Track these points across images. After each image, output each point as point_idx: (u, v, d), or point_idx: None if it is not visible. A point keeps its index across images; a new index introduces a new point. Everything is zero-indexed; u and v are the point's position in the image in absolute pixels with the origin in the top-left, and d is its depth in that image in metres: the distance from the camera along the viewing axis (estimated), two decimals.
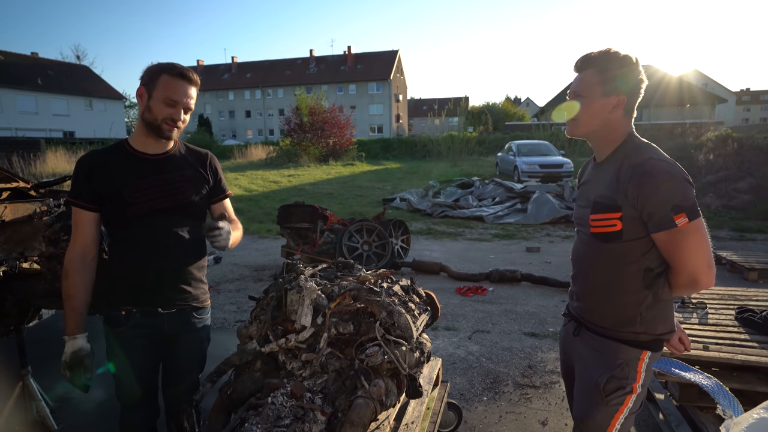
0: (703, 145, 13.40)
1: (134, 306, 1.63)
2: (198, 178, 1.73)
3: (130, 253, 1.63)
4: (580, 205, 1.59)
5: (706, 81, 46.14)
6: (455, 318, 4.31)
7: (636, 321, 1.41)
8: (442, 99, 59.12)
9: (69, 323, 1.57)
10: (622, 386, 1.42)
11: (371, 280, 1.83)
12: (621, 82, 1.39)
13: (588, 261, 1.53)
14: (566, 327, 1.67)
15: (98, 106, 41.50)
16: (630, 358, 1.43)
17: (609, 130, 1.44)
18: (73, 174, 1.63)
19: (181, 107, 1.60)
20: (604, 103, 1.40)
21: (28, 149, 17.25)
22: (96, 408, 2.75)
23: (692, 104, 32.62)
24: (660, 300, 1.41)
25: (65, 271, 1.59)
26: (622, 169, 1.37)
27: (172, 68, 1.58)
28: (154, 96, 1.57)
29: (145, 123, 1.61)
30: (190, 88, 1.61)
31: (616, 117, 1.42)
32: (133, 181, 1.60)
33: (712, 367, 2.23)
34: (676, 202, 1.27)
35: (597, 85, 1.40)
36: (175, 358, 1.74)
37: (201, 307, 1.78)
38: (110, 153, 1.65)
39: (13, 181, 2.58)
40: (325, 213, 6.11)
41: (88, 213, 1.60)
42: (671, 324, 1.46)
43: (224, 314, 4.50)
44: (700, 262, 1.31)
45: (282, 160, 22.61)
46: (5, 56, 37.67)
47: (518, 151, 15.26)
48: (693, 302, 2.89)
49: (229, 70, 59.70)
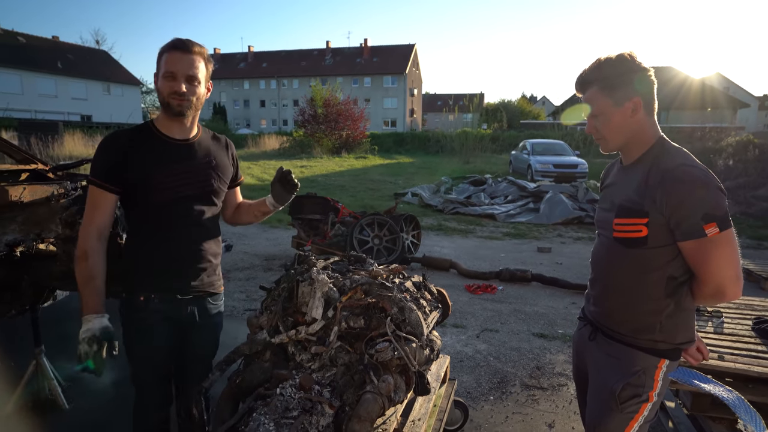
0: (723, 150, 13.14)
1: (153, 292, 1.63)
2: (223, 165, 1.75)
3: (152, 239, 1.63)
4: (603, 208, 1.54)
5: (728, 85, 45.16)
6: (464, 316, 4.29)
7: (656, 329, 1.38)
8: (458, 95, 58.80)
9: (92, 302, 1.50)
10: (638, 394, 1.39)
11: (383, 275, 1.82)
12: (628, 85, 1.34)
13: (609, 265, 1.49)
14: (581, 331, 1.63)
15: (116, 91, 41.93)
16: (647, 366, 1.39)
17: (638, 135, 1.39)
18: (97, 153, 1.58)
19: (182, 78, 1.54)
20: (622, 112, 1.36)
21: (47, 131, 17.48)
22: (106, 388, 2.79)
23: (713, 108, 32.02)
24: (682, 309, 1.38)
25: (82, 252, 1.53)
26: (651, 174, 1.33)
27: (168, 43, 1.57)
28: (159, 75, 1.56)
29: (161, 105, 1.61)
30: (188, 57, 1.55)
31: (639, 120, 1.37)
32: (164, 166, 1.59)
33: (726, 377, 2.19)
34: (707, 210, 1.22)
35: (606, 98, 1.36)
36: (191, 344, 1.76)
37: (216, 293, 1.80)
38: (139, 135, 1.61)
39: (32, 163, 2.61)
40: (336, 205, 6.11)
41: (111, 195, 1.57)
42: (691, 333, 1.43)
43: (233, 302, 4.54)
44: (729, 273, 1.26)
45: (295, 150, 22.68)
46: (27, 39, 38.19)
47: (532, 149, 15.11)
48: (708, 311, 2.84)
49: (246, 59, 59.85)
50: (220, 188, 1.73)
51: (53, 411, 2.59)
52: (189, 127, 1.67)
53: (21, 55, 35.47)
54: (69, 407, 2.62)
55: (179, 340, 1.73)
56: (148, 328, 1.64)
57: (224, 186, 1.76)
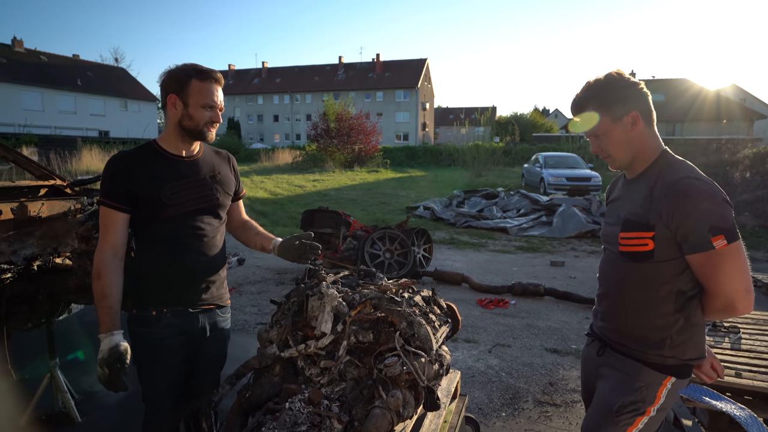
0: (739, 162, 12.94)
1: (165, 306, 1.65)
2: (227, 179, 1.79)
3: (162, 254, 1.65)
4: (609, 223, 1.54)
5: (744, 96, 44.58)
6: (476, 330, 4.25)
7: (665, 345, 1.37)
8: (469, 108, 58.87)
9: (105, 321, 1.53)
10: (636, 408, 1.38)
11: (392, 290, 1.82)
12: (622, 100, 1.36)
13: (616, 280, 1.48)
14: (589, 347, 1.62)
15: (132, 107, 42.96)
16: (652, 382, 1.38)
17: (641, 149, 1.40)
18: (104, 174, 1.63)
19: (218, 108, 1.64)
20: (622, 127, 1.37)
21: (66, 147, 17.94)
22: (118, 402, 2.81)
23: (729, 120, 31.62)
24: (692, 324, 1.36)
25: (97, 271, 1.57)
26: (656, 187, 1.33)
27: (200, 73, 1.60)
28: (190, 103, 1.59)
29: (184, 129, 1.63)
30: (219, 89, 1.65)
31: (640, 132, 1.37)
32: (171, 183, 1.63)
33: (744, 395, 2.13)
34: (713, 223, 1.22)
35: (604, 118, 1.38)
36: (201, 357, 1.77)
37: (224, 306, 1.82)
38: (144, 154, 1.66)
39: (51, 179, 2.67)
40: (348, 219, 6.14)
41: (121, 214, 1.60)
42: (702, 349, 1.41)
43: (245, 316, 4.56)
44: (738, 286, 1.25)
45: (307, 164, 22.87)
46: (49, 58, 39.41)
47: (545, 162, 15.04)
48: (725, 326, 2.78)
49: (259, 75, 60.88)
50: (224, 202, 1.77)
51: (66, 424, 2.61)
52: (193, 144, 1.71)
53: (43, 73, 36.64)
54: (82, 421, 2.64)
55: (190, 353, 1.73)
56: (159, 343, 1.65)
57: (228, 199, 1.80)
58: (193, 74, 1.59)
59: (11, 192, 2.51)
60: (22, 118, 30.58)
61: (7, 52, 36.30)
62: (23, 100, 34.40)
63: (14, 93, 33.96)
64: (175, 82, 1.60)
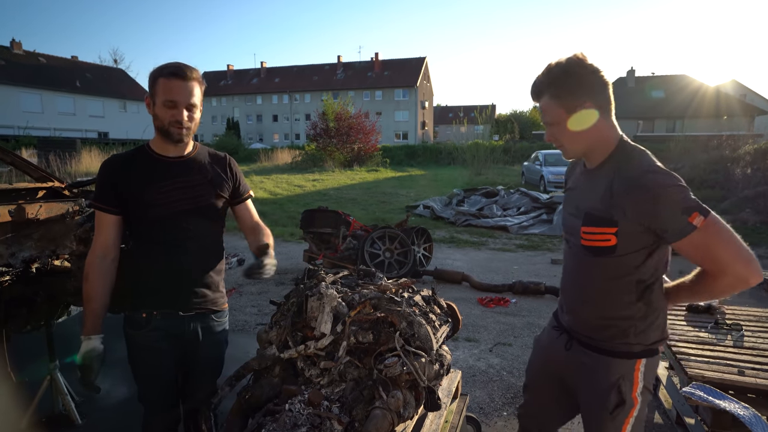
0: (740, 158, 12.91)
1: (154, 309, 1.64)
2: (218, 181, 1.74)
3: (153, 255, 1.64)
4: (569, 213, 1.53)
5: (744, 92, 44.50)
6: (476, 329, 4.24)
7: (630, 333, 1.40)
8: (469, 106, 58.91)
9: (87, 324, 1.58)
10: (624, 401, 1.42)
11: (392, 290, 1.81)
12: (578, 91, 1.31)
13: (578, 273, 1.49)
14: (554, 338, 1.63)
15: (131, 108, 42.94)
16: (626, 372, 1.42)
17: (597, 140, 1.38)
18: (97, 177, 1.65)
19: (183, 107, 1.56)
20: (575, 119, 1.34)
21: (65, 149, 17.93)
22: (119, 404, 2.81)
23: (729, 116, 31.58)
24: (653, 309, 1.39)
25: (85, 273, 1.59)
26: (616, 182, 1.31)
27: (165, 69, 1.56)
28: (157, 102, 1.57)
29: (158, 131, 1.62)
30: (187, 85, 1.55)
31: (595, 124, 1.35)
32: (155, 184, 1.61)
33: (747, 393, 2.12)
34: (683, 205, 1.21)
35: (558, 108, 1.34)
36: (195, 361, 1.75)
37: (219, 311, 1.79)
38: (132, 156, 1.65)
39: (49, 181, 2.67)
40: (348, 219, 6.13)
41: (110, 216, 1.60)
42: (663, 331, 1.44)
43: (245, 316, 4.55)
44: (735, 254, 1.21)
45: (307, 164, 22.87)
46: (47, 60, 39.41)
47: (545, 160, 15.04)
48: (728, 323, 2.77)
49: (258, 75, 60.85)
50: (216, 204, 1.72)
51: (66, 426, 2.61)
52: (182, 145, 1.68)
53: (42, 75, 36.65)
54: (82, 422, 2.64)
55: (183, 356, 1.73)
56: (150, 345, 1.65)
57: (220, 201, 1.74)
58: (160, 73, 1.55)
59: (9, 194, 2.50)
60: (22, 120, 30.59)
61: (6, 54, 36.32)
62: (22, 102, 34.42)
63: (13, 95, 33.98)
64: (150, 82, 1.58)
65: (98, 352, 1.57)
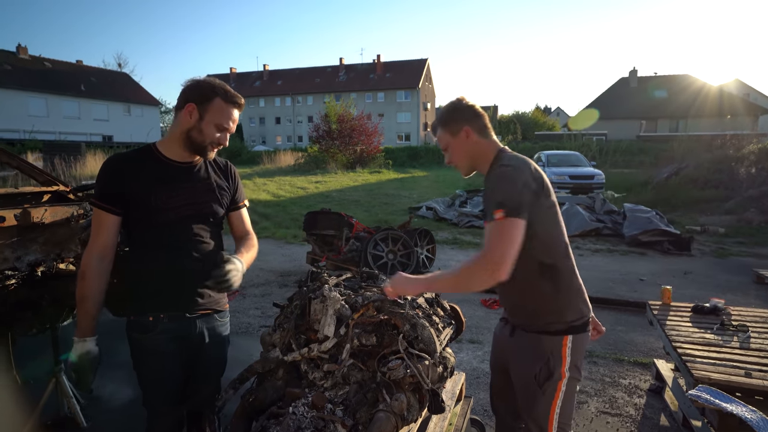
0: (744, 158, 12.85)
1: (162, 311, 1.64)
2: (222, 187, 1.75)
3: (158, 259, 1.64)
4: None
5: (748, 91, 44.29)
6: (480, 331, 4.23)
7: (544, 311, 1.58)
8: None
9: (81, 325, 1.56)
10: (552, 374, 1.57)
11: None
12: (457, 119, 1.65)
13: None
14: (503, 328, 1.80)
15: (136, 112, 43.17)
16: (554, 347, 1.57)
17: (479, 154, 1.66)
18: (99, 175, 1.61)
19: (228, 132, 1.65)
20: (459, 140, 1.65)
21: (70, 152, 18.04)
22: (123, 407, 2.81)
23: (733, 115, 31.45)
24: (560, 289, 1.57)
25: (82, 272, 1.57)
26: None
27: (226, 94, 1.60)
28: (206, 118, 1.58)
29: (188, 140, 1.61)
30: (238, 114, 1.68)
31: (474, 142, 1.64)
32: (163, 187, 1.61)
33: (755, 395, 2.11)
34: (499, 199, 1.44)
35: (446, 135, 1.68)
36: (200, 362, 1.76)
37: (222, 310, 1.80)
38: (139, 157, 1.64)
39: (54, 185, 2.68)
40: (350, 220, 6.13)
41: (112, 216, 1.59)
42: (580, 311, 1.60)
43: (249, 319, 4.55)
44: (496, 252, 1.39)
45: (310, 166, 22.89)
46: (52, 64, 39.68)
47: (548, 161, 15.00)
48: (734, 325, 2.75)
49: (261, 78, 61.01)
50: (219, 210, 1.73)
51: (72, 429, 2.61)
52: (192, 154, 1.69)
53: (47, 79, 36.89)
54: (87, 425, 2.65)
55: (189, 358, 1.72)
56: (157, 350, 1.64)
57: (221, 208, 1.75)
58: (220, 93, 1.59)
59: (15, 198, 2.51)
60: (27, 124, 30.81)
61: (12, 59, 36.56)
62: (28, 107, 34.65)
63: (19, 99, 34.21)
64: (200, 93, 1.58)
65: (93, 355, 1.56)
